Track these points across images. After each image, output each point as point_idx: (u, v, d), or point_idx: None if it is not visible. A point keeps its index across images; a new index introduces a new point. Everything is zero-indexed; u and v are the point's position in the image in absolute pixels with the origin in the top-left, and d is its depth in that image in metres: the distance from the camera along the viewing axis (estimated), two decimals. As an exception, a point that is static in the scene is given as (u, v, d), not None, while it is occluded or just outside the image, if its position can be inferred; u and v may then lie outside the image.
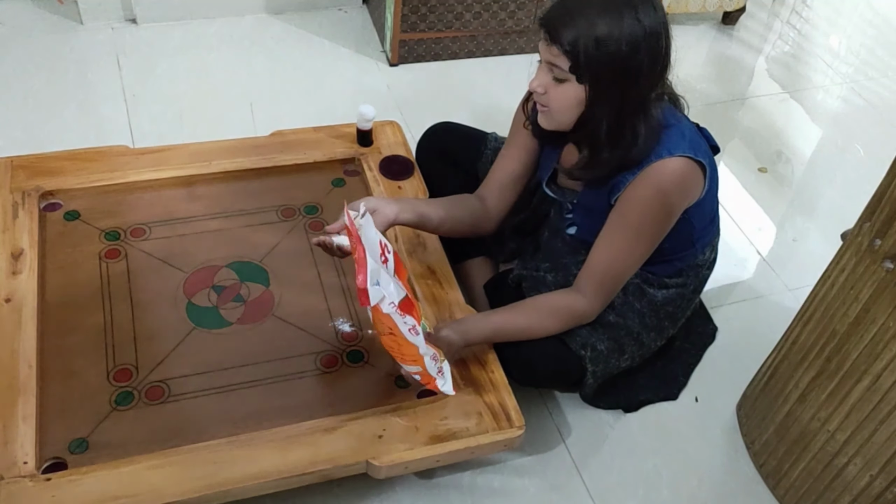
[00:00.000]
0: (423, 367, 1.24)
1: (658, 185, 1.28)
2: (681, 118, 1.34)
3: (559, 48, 1.21)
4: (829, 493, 1.34)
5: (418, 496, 1.39)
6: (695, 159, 1.28)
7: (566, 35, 1.20)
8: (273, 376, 1.38)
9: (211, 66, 2.22)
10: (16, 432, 1.23)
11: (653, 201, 1.29)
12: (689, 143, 1.29)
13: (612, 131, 1.27)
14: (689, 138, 1.30)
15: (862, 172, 2.19)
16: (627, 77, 1.22)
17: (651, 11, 1.21)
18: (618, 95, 1.23)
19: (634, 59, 1.20)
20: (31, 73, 2.12)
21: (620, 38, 1.19)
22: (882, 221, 1.14)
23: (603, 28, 1.18)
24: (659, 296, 1.46)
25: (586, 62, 1.21)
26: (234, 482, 1.21)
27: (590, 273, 1.35)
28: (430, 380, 1.26)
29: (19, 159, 1.62)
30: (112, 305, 1.44)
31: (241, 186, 1.68)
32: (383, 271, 1.18)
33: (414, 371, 1.26)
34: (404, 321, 1.19)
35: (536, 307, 1.37)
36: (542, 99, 1.29)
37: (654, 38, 1.21)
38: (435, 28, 2.25)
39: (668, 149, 1.27)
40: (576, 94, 1.25)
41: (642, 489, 1.46)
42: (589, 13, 1.19)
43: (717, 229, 1.48)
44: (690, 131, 1.32)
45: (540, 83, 1.27)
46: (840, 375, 1.25)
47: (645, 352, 1.52)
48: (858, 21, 2.88)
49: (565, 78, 1.23)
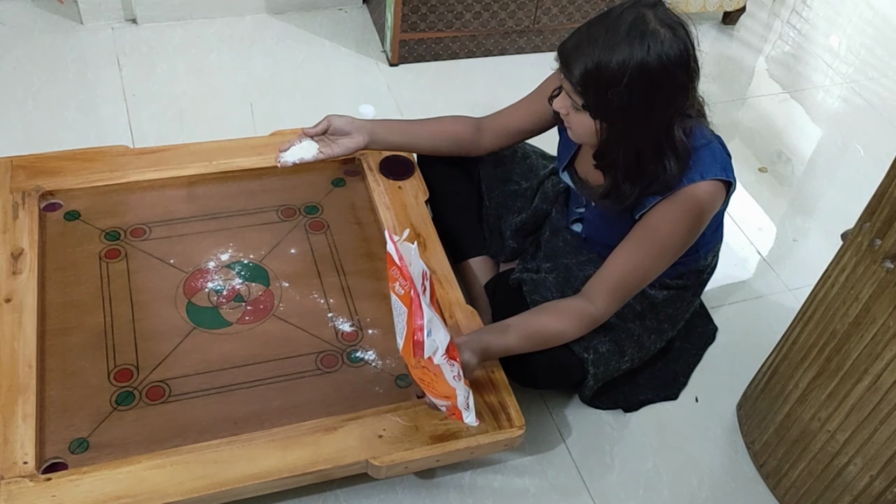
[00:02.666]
0: (453, 403, 1.20)
1: (690, 209, 1.26)
2: (708, 134, 1.32)
3: (571, 85, 1.20)
4: (830, 493, 1.34)
5: (418, 496, 1.39)
6: (725, 180, 1.28)
7: (577, 71, 1.17)
8: (273, 376, 1.38)
9: (211, 66, 2.22)
10: (16, 432, 1.23)
11: (682, 223, 1.28)
12: (720, 165, 1.28)
13: (631, 167, 1.25)
14: (720, 158, 1.29)
15: (862, 172, 2.19)
16: (644, 115, 1.19)
17: (668, 35, 1.15)
18: (633, 134, 1.21)
19: (651, 98, 1.17)
20: (31, 73, 2.11)
21: (633, 78, 1.14)
22: (882, 221, 1.14)
23: (613, 67, 1.14)
24: (659, 296, 1.46)
25: (597, 102, 1.18)
26: (234, 482, 1.21)
27: (603, 281, 1.32)
28: (457, 412, 1.21)
29: (19, 159, 1.62)
30: (112, 305, 1.44)
31: (241, 186, 1.68)
32: (434, 317, 1.13)
33: (442, 404, 1.22)
34: (451, 369, 1.15)
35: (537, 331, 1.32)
36: (565, 119, 1.28)
37: (672, 68, 1.16)
38: (435, 28, 2.25)
39: (700, 172, 1.25)
40: (592, 126, 1.23)
41: (642, 489, 1.46)
42: (600, 48, 1.15)
43: (720, 236, 1.48)
44: (719, 150, 1.31)
45: (562, 105, 1.26)
46: (840, 375, 1.25)
47: (644, 354, 1.52)
48: (858, 21, 2.88)
49: (580, 109, 1.22)
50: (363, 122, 1.48)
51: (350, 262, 1.57)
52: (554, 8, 2.30)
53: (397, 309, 1.18)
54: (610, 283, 1.32)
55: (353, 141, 1.46)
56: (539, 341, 1.33)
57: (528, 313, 1.35)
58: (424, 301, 1.11)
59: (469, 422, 1.19)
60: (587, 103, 1.20)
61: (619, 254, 1.32)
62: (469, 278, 1.65)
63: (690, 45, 1.19)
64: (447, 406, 1.21)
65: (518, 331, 1.32)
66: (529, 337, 1.32)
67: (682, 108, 1.23)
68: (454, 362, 1.15)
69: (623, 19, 1.16)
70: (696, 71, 1.21)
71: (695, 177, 1.26)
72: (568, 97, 1.23)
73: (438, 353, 1.12)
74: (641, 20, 1.15)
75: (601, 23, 1.18)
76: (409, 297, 1.11)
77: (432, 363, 1.13)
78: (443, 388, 1.18)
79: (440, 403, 1.22)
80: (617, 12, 1.18)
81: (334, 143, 1.46)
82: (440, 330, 1.13)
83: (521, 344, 1.32)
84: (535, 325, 1.33)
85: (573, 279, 1.43)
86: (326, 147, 1.45)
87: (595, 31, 1.18)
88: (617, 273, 1.32)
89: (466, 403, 1.19)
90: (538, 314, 1.35)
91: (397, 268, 1.12)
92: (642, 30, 1.14)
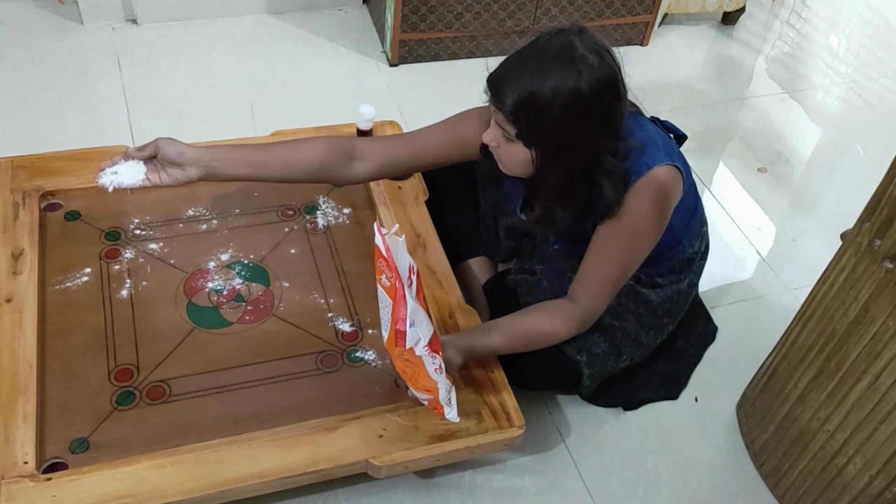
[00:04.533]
0: (434, 397, 1.22)
1: (648, 198, 1.27)
2: (644, 124, 1.33)
3: (503, 115, 1.20)
4: (829, 492, 1.34)
5: (418, 495, 1.39)
6: (673, 165, 1.28)
7: (508, 101, 1.17)
8: (273, 376, 1.38)
9: (211, 66, 2.22)
10: (16, 432, 1.23)
11: (644, 210, 1.28)
12: (664, 151, 1.28)
13: (563, 192, 1.26)
14: (662, 145, 1.29)
15: (861, 172, 2.19)
16: (576, 139, 1.19)
17: (596, 61, 1.16)
18: (565, 159, 1.21)
19: (582, 122, 1.17)
20: (32, 73, 2.12)
21: (565, 103, 1.15)
22: (882, 221, 1.15)
23: (546, 93, 1.14)
24: (654, 296, 1.46)
25: (530, 130, 1.19)
26: (234, 482, 1.21)
27: (584, 283, 1.33)
28: (438, 407, 1.24)
29: (20, 159, 1.62)
30: (112, 305, 1.44)
31: (241, 186, 1.68)
32: (418, 309, 1.14)
33: (424, 398, 1.24)
34: (433, 361, 1.16)
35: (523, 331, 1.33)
36: (495, 152, 1.28)
37: (602, 92, 1.16)
38: (435, 28, 2.25)
39: (646, 163, 1.26)
40: (525, 156, 1.23)
41: (642, 489, 1.46)
42: (531, 75, 1.16)
43: (701, 219, 1.47)
44: (660, 137, 1.31)
45: (493, 137, 1.26)
46: (840, 375, 1.25)
47: (644, 350, 1.52)
48: (858, 21, 2.88)
49: (513, 139, 1.22)
50: (199, 152, 1.29)
51: (350, 262, 1.57)
52: (554, 8, 2.31)
53: (383, 301, 1.19)
54: (591, 284, 1.32)
55: (184, 174, 1.28)
56: (526, 342, 1.34)
57: (516, 314, 1.36)
58: (409, 293, 1.12)
59: (451, 418, 1.22)
60: (520, 132, 1.20)
61: (592, 253, 1.32)
62: (468, 279, 1.65)
63: (617, 69, 1.19)
64: (429, 400, 1.23)
65: (504, 330, 1.33)
66: (516, 337, 1.33)
67: (612, 130, 1.23)
68: (436, 355, 1.16)
69: (551, 46, 1.17)
70: (623, 94, 1.21)
71: (642, 168, 1.26)
72: (499, 128, 1.23)
73: (420, 345, 1.13)
74: (570, 46, 1.16)
75: (530, 51, 1.19)
76: (394, 289, 1.12)
77: (414, 354, 1.14)
78: (424, 381, 1.19)
79: (422, 397, 1.24)
80: (544, 40, 1.19)
81: (163, 170, 1.28)
82: (423, 322, 1.14)
83: (508, 344, 1.33)
84: (521, 325, 1.34)
85: (566, 281, 1.43)
86: (153, 173, 1.28)
87: (524, 59, 1.19)
88: (596, 273, 1.32)
89: (448, 399, 1.22)
90: (525, 315, 1.35)
91: (384, 259, 1.12)
92: (571, 56, 1.15)
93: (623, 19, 2.41)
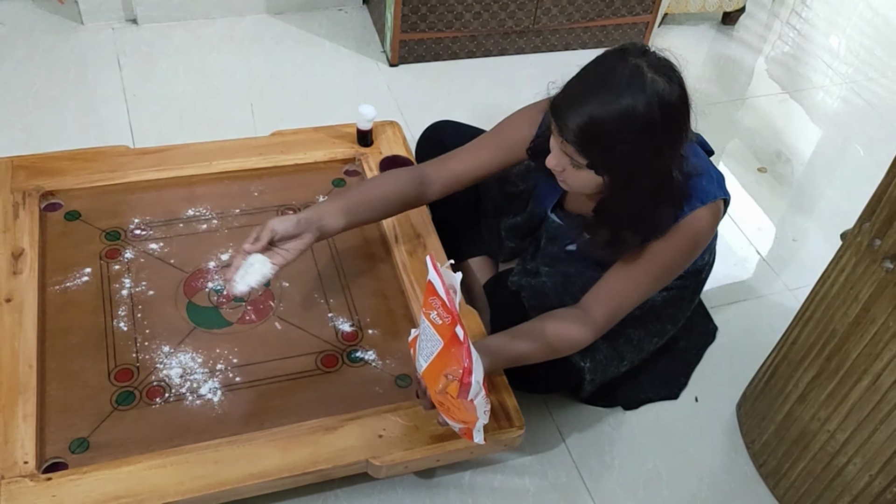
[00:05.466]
0: (469, 426, 1.20)
1: (694, 236, 1.26)
2: (697, 151, 1.31)
3: (569, 143, 1.16)
4: (829, 492, 1.34)
5: (418, 495, 1.39)
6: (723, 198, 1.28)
7: (577, 131, 1.13)
8: (273, 376, 1.38)
9: (211, 66, 2.22)
10: (16, 432, 1.23)
11: (686, 248, 1.28)
12: (717, 184, 1.27)
13: (635, 216, 1.23)
14: (716, 177, 1.29)
15: (862, 172, 2.19)
16: (649, 165, 1.17)
17: (666, 84, 1.12)
18: (640, 182, 1.19)
19: (656, 148, 1.15)
20: (32, 73, 2.12)
21: (639, 133, 1.11)
22: (882, 221, 1.15)
23: (617, 124, 1.11)
24: (658, 299, 1.45)
25: (601, 157, 1.15)
26: (234, 482, 1.21)
27: (604, 297, 1.30)
28: (468, 433, 1.21)
29: (20, 159, 1.63)
30: (112, 305, 1.44)
31: (241, 186, 1.68)
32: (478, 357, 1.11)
33: (455, 426, 1.22)
34: (485, 404, 1.14)
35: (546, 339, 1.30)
36: (561, 176, 1.25)
37: (673, 115, 1.13)
38: (435, 28, 2.25)
39: (700, 199, 1.25)
40: (594, 181, 1.20)
41: (642, 489, 1.46)
42: (600, 105, 1.11)
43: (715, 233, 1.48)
44: (712, 167, 1.30)
45: (558, 163, 1.22)
46: (840, 375, 1.25)
47: (644, 354, 1.53)
48: (858, 21, 2.88)
49: (582, 166, 1.19)
50: (307, 216, 1.30)
51: (350, 263, 1.57)
52: (554, 8, 2.30)
53: (427, 333, 1.16)
54: (610, 301, 1.30)
55: (303, 241, 1.29)
56: (549, 350, 1.31)
57: (533, 321, 1.33)
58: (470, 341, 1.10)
59: (477, 440, 1.20)
60: (591, 161, 1.17)
61: (619, 274, 1.30)
62: (469, 278, 1.65)
63: (684, 87, 1.17)
64: (461, 428, 1.21)
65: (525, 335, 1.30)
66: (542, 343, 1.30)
67: (682, 148, 1.21)
68: (488, 399, 1.15)
69: (619, 72, 1.13)
70: (689, 110, 1.19)
71: (696, 204, 1.25)
72: (564, 155, 1.19)
73: (481, 395, 1.12)
74: (638, 71, 1.12)
75: (594, 77, 1.16)
76: (450, 332, 1.09)
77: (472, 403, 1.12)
78: (463, 416, 1.17)
79: (454, 425, 1.22)
80: (610, 65, 1.15)
81: (283, 249, 1.29)
82: (479, 369, 1.12)
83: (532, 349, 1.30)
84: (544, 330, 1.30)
85: (571, 286, 1.43)
86: (276, 256, 1.28)
87: (590, 87, 1.15)
88: (616, 291, 1.30)
89: (480, 427, 1.20)
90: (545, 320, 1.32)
91: (439, 298, 1.10)
92: (641, 82, 1.12)
93: (623, 19, 2.41)
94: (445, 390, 1.13)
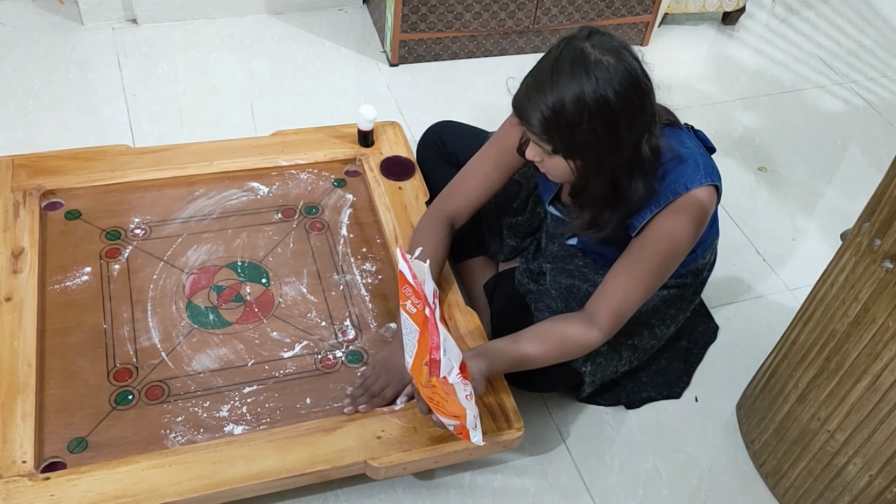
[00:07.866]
0: (462, 422, 1.19)
1: (686, 221, 1.27)
2: (684, 139, 1.32)
3: (535, 135, 1.20)
4: (829, 492, 1.34)
5: (418, 496, 1.39)
6: (712, 184, 1.28)
7: (535, 121, 1.17)
8: (273, 376, 1.38)
9: (211, 66, 2.22)
10: (15, 431, 1.23)
11: (682, 235, 1.27)
12: (704, 171, 1.28)
13: (609, 196, 1.26)
14: (703, 164, 1.29)
15: (862, 172, 2.19)
16: (613, 143, 1.19)
17: (613, 61, 1.14)
18: (606, 164, 1.21)
19: (615, 126, 1.17)
20: (32, 73, 2.12)
21: (593, 113, 1.14)
22: (882, 221, 1.14)
23: (570, 108, 1.14)
24: (658, 297, 1.46)
25: (563, 144, 1.19)
26: (232, 482, 1.21)
27: (606, 303, 1.30)
28: (464, 432, 1.20)
29: (20, 158, 1.63)
30: (112, 305, 1.44)
31: (241, 186, 1.68)
32: (448, 336, 1.12)
33: (450, 423, 1.21)
34: (465, 388, 1.14)
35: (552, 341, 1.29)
36: (541, 166, 1.29)
37: (626, 91, 1.15)
38: (435, 28, 2.25)
39: (685, 184, 1.26)
40: (567, 167, 1.23)
41: (642, 489, 1.46)
42: (550, 93, 1.15)
43: (716, 231, 1.48)
44: (700, 155, 1.31)
45: (536, 153, 1.26)
46: (840, 375, 1.25)
47: (644, 355, 1.53)
48: (858, 21, 2.88)
49: (552, 154, 1.22)
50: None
51: (350, 263, 1.57)
52: (554, 8, 2.30)
53: (407, 327, 1.17)
54: (613, 305, 1.29)
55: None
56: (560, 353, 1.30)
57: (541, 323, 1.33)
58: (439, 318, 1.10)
59: (476, 441, 1.19)
60: (556, 148, 1.20)
61: (620, 273, 1.30)
62: (468, 278, 1.65)
63: (637, 64, 1.18)
64: (455, 425, 1.21)
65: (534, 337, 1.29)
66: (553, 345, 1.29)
67: (646, 126, 1.22)
68: (467, 382, 1.14)
69: (563, 58, 1.16)
70: (648, 87, 1.20)
71: (679, 189, 1.26)
72: (537, 145, 1.24)
73: (454, 373, 1.11)
74: (581, 54, 1.15)
75: (543, 68, 1.19)
76: (422, 316, 1.10)
77: (446, 382, 1.12)
78: (453, 408, 1.17)
79: (448, 423, 1.21)
80: (555, 54, 1.18)
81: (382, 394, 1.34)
82: (454, 349, 1.12)
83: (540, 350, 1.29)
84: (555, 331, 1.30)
85: (576, 290, 1.43)
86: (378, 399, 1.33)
87: (540, 77, 1.18)
88: (619, 293, 1.29)
89: (475, 423, 1.19)
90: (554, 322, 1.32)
91: (410, 286, 1.11)
92: (585, 63, 1.14)
93: (623, 19, 2.41)
94: (429, 381, 1.13)
